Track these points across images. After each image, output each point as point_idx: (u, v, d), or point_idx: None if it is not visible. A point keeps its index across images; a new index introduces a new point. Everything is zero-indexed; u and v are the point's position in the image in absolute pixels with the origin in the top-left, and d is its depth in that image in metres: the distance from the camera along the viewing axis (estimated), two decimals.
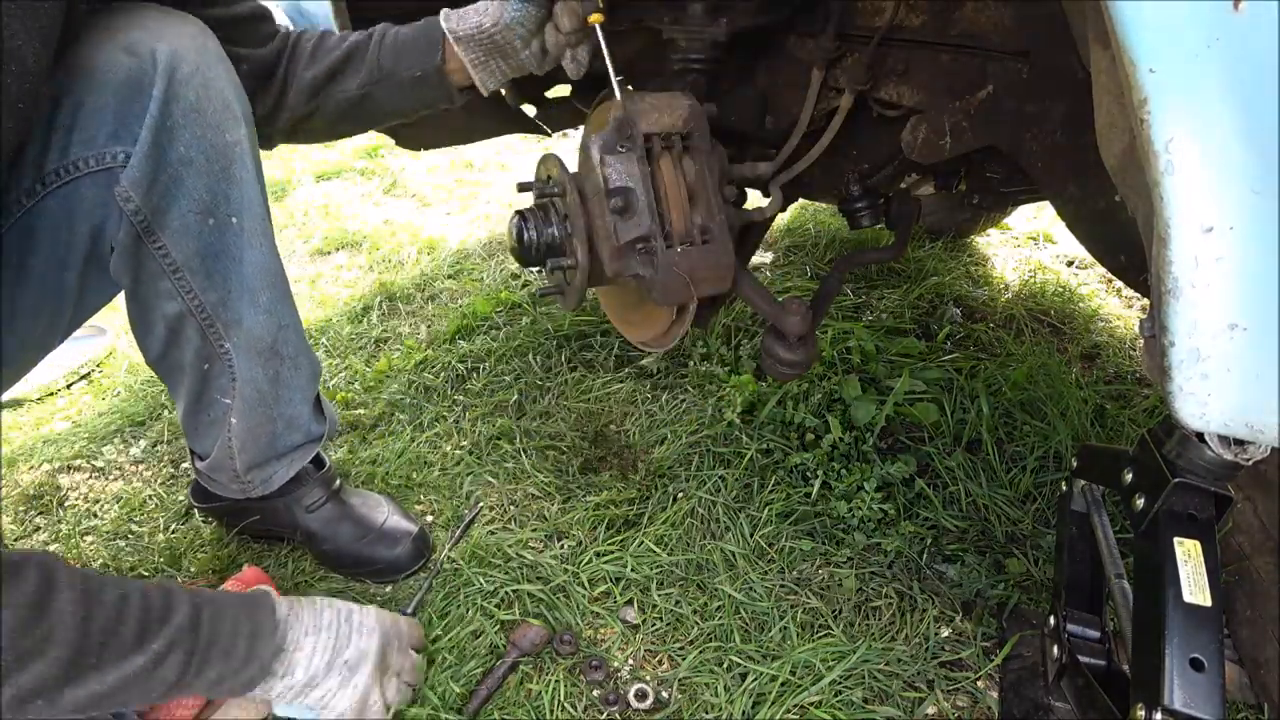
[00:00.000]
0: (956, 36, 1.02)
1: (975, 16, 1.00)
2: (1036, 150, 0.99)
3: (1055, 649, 0.87)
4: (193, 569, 1.08)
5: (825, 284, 1.13)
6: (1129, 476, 0.76)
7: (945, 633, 1.00)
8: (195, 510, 1.17)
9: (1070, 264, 2.03)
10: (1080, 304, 1.81)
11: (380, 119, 1.05)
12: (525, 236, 0.97)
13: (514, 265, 1.88)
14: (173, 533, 1.16)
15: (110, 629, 0.63)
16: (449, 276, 1.96)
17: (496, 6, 0.95)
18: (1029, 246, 2.11)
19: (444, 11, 0.98)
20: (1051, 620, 0.89)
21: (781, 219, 2.12)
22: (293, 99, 0.98)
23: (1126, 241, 0.97)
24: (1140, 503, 0.73)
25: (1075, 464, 0.92)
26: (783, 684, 0.91)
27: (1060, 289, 1.85)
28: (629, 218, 0.91)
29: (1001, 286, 1.87)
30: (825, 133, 1.13)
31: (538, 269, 1.02)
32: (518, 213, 1.00)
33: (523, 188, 1.07)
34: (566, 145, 2.69)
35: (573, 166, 0.97)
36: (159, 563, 1.10)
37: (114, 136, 0.76)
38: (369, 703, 0.81)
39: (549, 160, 1.02)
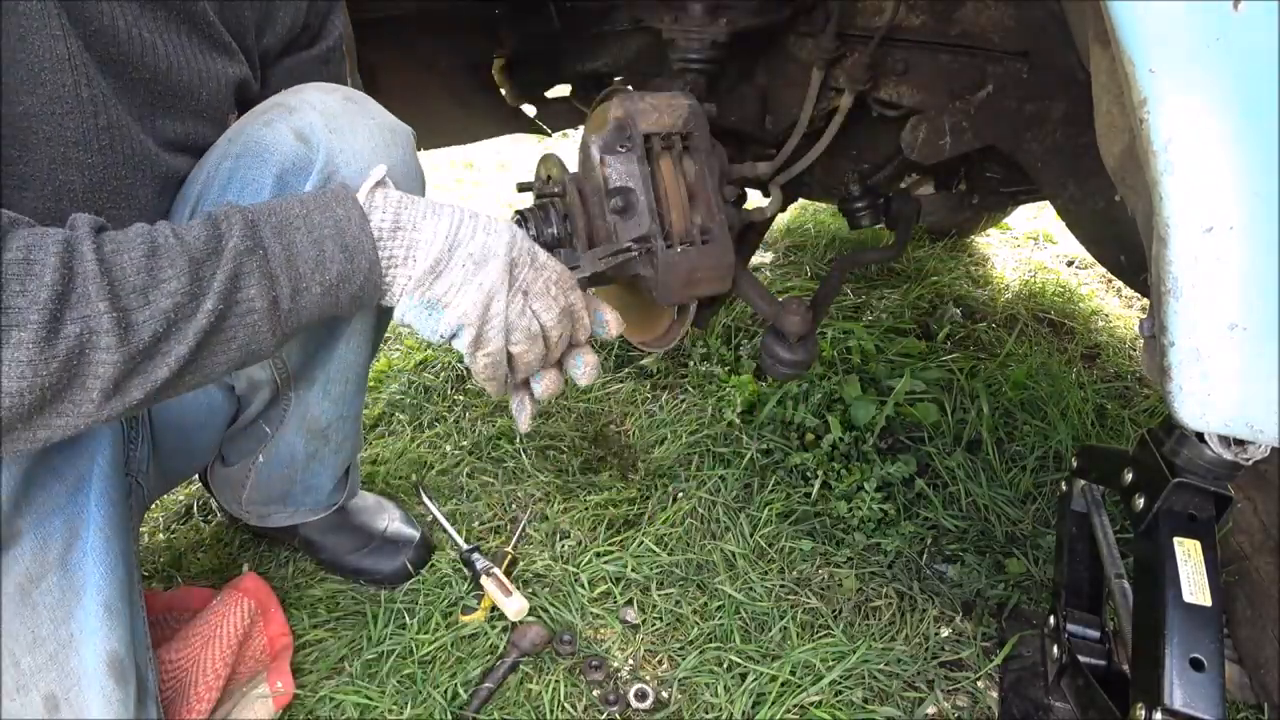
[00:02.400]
0: (956, 36, 1.02)
1: (975, 17, 1.01)
2: (1036, 150, 1.00)
3: (1055, 649, 0.87)
4: (193, 569, 1.08)
5: (825, 284, 1.12)
6: (1129, 476, 0.76)
7: (945, 633, 1.00)
8: (203, 487, 1.16)
9: (1070, 264, 2.03)
10: (1080, 304, 1.81)
11: None
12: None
13: None
14: (173, 533, 1.16)
15: (148, 285, 0.53)
16: None
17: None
18: (1029, 246, 2.11)
19: None
20: (1051, 620, 0.89)
21: (781, 219, 2.12)
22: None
23: (1126, 241, 0.97)
24: (1140, 503, 0.73)
25: (1075, 464, 0.92)
26: (783, 684, 0.91)
27: (1060, 289, 1.85)
28: (629, 218, 0.91)
29: (1002, 286, 1.87)
30: (825, 133, 1.13)
31: None
32: (518, 212, 1.00)
33: (522, 188, 1.07)
34: (566, 145, 2.68)
35: (572, 166, 0.97)
36: (160, 563, 1.10)
37: None
38: (492, 312, 0.66)
39: (549, 160, 1.02)
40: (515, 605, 0.98)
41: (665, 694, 0.92)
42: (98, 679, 0.69)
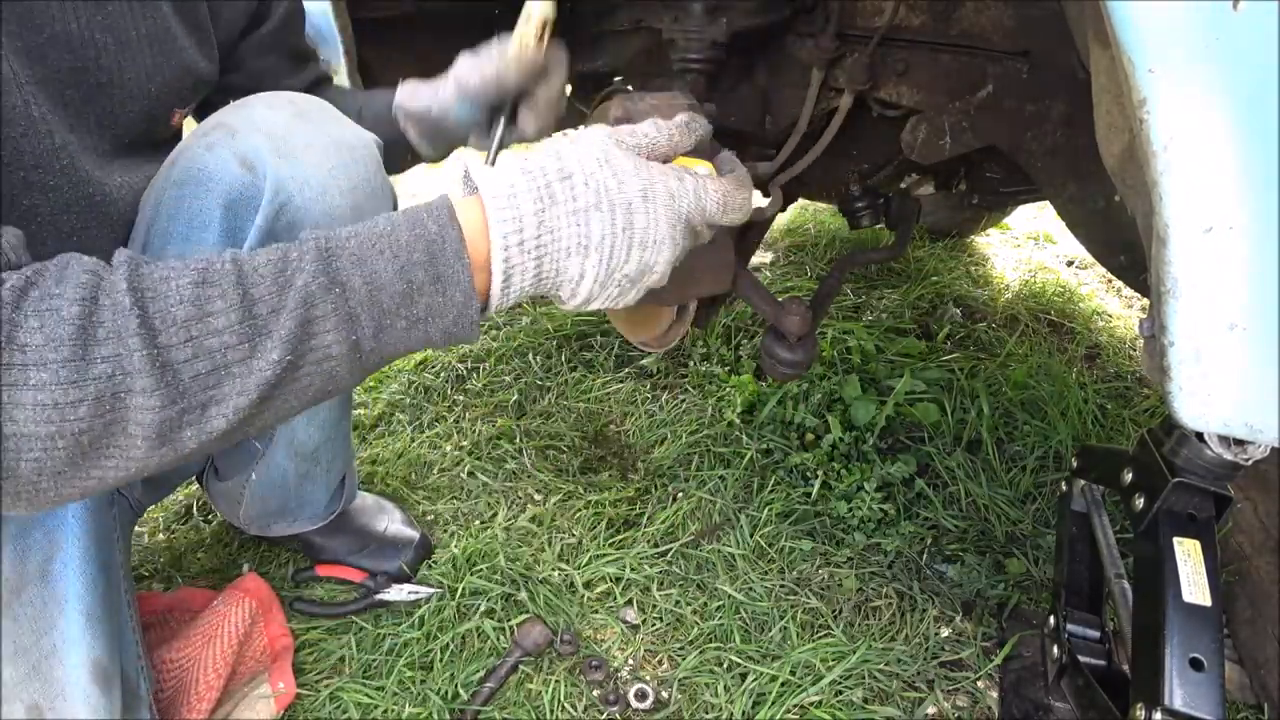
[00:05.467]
0: (956, 36, 1.02)
1: (975, 16, 1.01)
2: (1036, 150, 1.00)
3: (1055, 649, 0.87)
4: (193, 569, 1.08)
5: (825, 284, 1.12)
6: (1128, 476, 0.76)
7: (945, 633, 1.00)
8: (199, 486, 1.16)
9: (1070, 264, 2.03)
10: (1081, 304, 1.81)
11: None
12: None
13: None
14: (173, 533, 1.16)
15: (192, 319, 0.46)
16: None
17: (448, 97, 0.85)
18: (1029, 246, 2.11)
19: (401, 86, 0.95)
20: (1051, 620, 0.89)
21: (781, 219, 2.12)
22: None
23: (1126, 241, 0.97)
24: (1140, 502, 0.73)
25: (1075, 464, 0.92)
26: (783, 684, 0.91)
27: (1060, 289, 1.85)
28: None
29: (1002, 286, 1.87)
30: (825, 133, 1.13)
31: None
32: None
33: None
34: None
35: None
36: (160, 563, 1.10)
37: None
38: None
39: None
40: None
41: (665, 694, 0.92)
42: (81, 687, 0.69)
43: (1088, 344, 1.64)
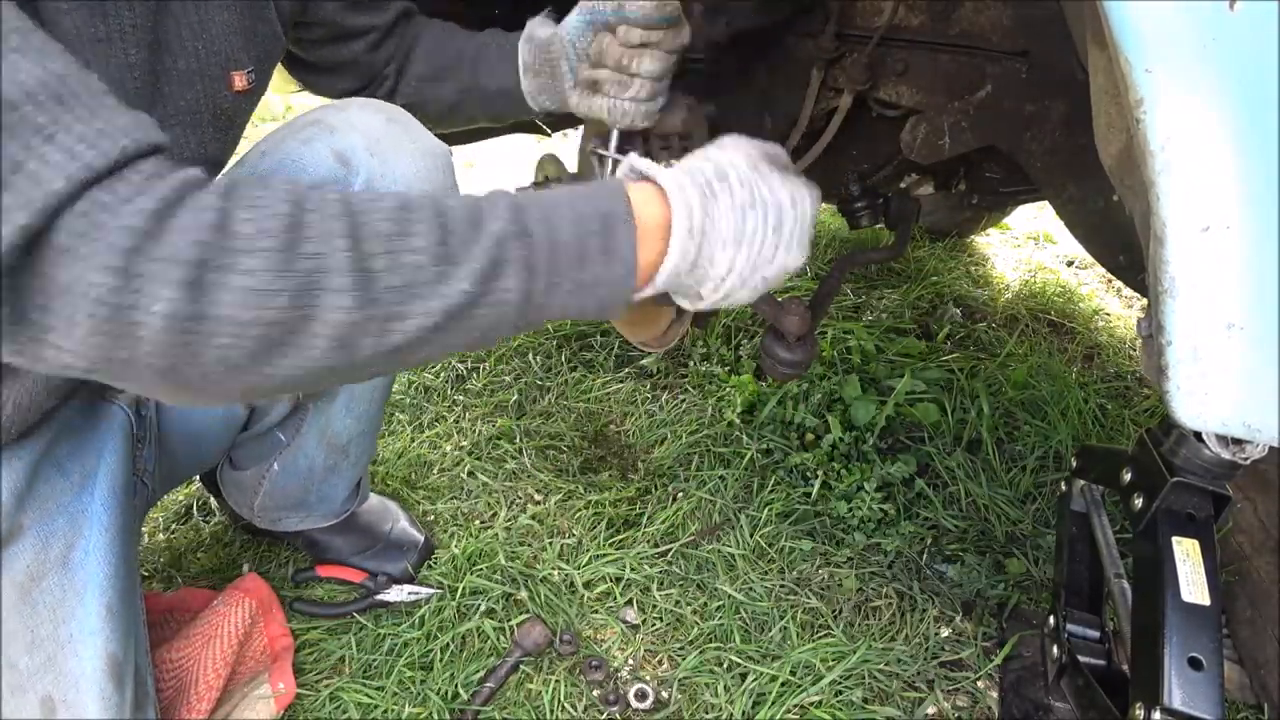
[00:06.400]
0: (956, 36, 1.02)
1: (974, 17, 1.01)
2: (1035, 150, 1.00)
3: (1055, 649, 0.87)
4: (193, 569, 1.09)
5: (825, 284, 1.12)
6: (1128, 476, 0.76)
7: (945, 633, 1.00)
8: (204, 488, 1.16)
9: (1070, 264, 2.03)
10: (1080, 304, 1.81)
11: (474, 122, 1.01)
12: None
13: None
14: (173, 533, 1.16)
15: (394, 234, 0.48)
16: None
17: (570, 19, 0.85)
18: (1029, 246, 2.11)
19: (531, 20, 0.92)
20: (1051, 620, 0.89)
21: None
22: (404, 87, 0.94)
23: (1125, 241, 0.97)
24: (1139, 502, 0.73)
25: (1075, 464, 0.92)
26: (783, 684, 0.91)
27: (1060, 289, 1.85)
28: None
29: (1002, 286, 1.87)
30: (825, 133, 1.13)
31: None
32: None
33: (521, 189, 1.07)
34: (566, 146, 2.68)
35: (571, 166, 0.97)
36: (159, 563, 1.10)
37: None
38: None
39: (548, 161, 1.02)
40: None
41: (665, 694, 0.92)
42: (96, 682, 0.69)
43: (1088, 344, 1.64)
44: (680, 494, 1.21)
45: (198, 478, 1.15)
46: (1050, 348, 1.58)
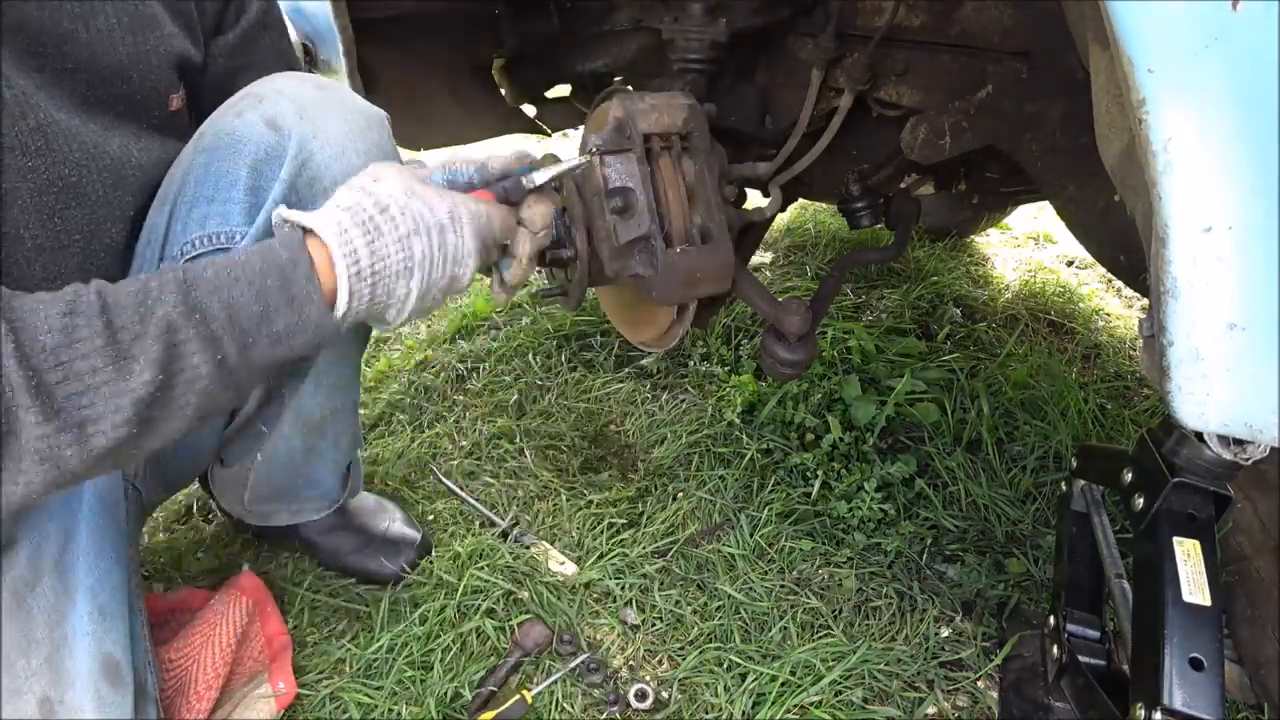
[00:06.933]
0: (956, 36, 1.02)
1: (975, 17, 1.01)
2: (1036, 150, 0.99)
3: (1055, 649, 0.87)
4: (193, 569, 1.08)
5: (825, 284, 1.12)
6: (1128, 476, 0.76)
7: (945, 633, 1.00)
8: (203, 489, 1.16)
9: (1070, 264, 2.03)
10: (1080, 304, 1.81)
11: None
12: None
13: None
14: (173, 533, 1.16)
15: (61, 345, 0.50)
16: None
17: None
18: (1029, 246, 2.11)
19: None
20: (1051, 620, 0.89)
21: (781, 219, 2.12)
22: None
23: (1126, 242, 0.97)
24: (1139, 502, 0.73)
25: (1075, 464, 0.92)
26: (783, 684, 0.91)
27: (1060, 289, 1.85)
28: (628, 218, 0.91)
29: (1002, 286, 1.87)
30: (825, 133, 1.13)
31: (538, 270, 1.02)
32: None
33: None
34: (567, 145, 2.68)
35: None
36: (160, 563, 1.10)
37: (247, 215, 0.75)
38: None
39: (547, 159, 1.02)
40: (570, 569, 1.02)
41: (665, 694, 0.92)
42: (91, 681, 0.69)
43: (1088, 344, 1.64)
44: (680, 494, 1.21)
45: (199, 481, 1.15)
46: (1050, 347, 1.58)
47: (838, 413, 1.32)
